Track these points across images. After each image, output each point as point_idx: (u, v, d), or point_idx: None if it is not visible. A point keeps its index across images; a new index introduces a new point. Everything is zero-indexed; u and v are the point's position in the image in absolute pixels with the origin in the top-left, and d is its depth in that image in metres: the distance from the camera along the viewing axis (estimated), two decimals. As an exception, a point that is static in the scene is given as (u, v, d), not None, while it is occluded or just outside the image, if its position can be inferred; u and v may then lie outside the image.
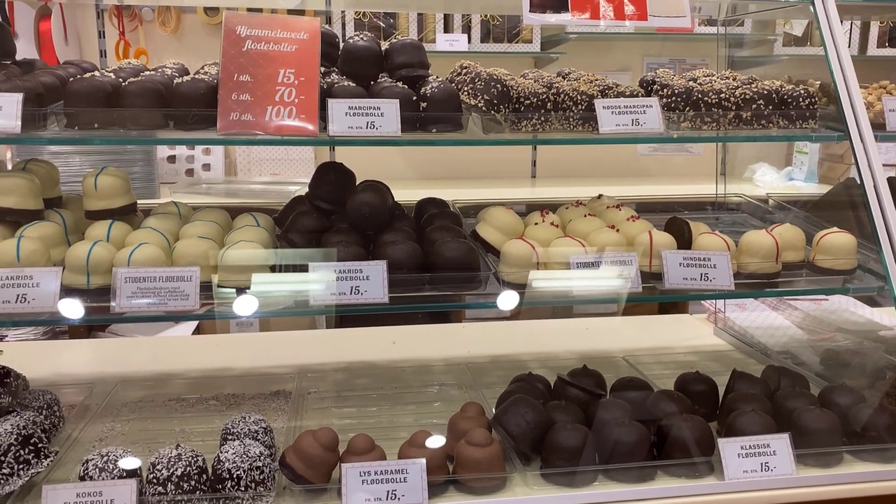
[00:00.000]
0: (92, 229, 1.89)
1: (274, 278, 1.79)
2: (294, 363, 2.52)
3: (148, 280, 1.71)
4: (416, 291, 1.87)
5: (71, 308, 1.70)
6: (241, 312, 1.77)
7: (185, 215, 2.09)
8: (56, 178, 2.09)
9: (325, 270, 1.78)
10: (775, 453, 1.82)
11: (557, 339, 2.82)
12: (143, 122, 1.87)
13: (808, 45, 5.38)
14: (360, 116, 1.87)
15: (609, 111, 2.01)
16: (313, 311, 1.78)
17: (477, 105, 2.06)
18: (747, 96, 2.15)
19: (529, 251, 1.90)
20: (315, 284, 1.77)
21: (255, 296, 1.76)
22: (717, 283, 1.93)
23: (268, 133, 1.85)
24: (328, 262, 1.80)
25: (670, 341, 2.81)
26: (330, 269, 1.78)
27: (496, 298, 1.88)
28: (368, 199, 2.02)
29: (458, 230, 2.06)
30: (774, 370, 2.21)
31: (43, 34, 4.63)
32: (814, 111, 2.17)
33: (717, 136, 2.22)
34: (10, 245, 1.74)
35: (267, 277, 1.79)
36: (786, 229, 2.09)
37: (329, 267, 1.79)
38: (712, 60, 5.57)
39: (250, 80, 1.88)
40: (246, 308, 1.76)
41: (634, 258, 1.91)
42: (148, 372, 2.45)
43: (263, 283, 1.78)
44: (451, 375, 2.44)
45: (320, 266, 1.79)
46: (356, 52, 2.11)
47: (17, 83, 1.84)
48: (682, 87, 2.21)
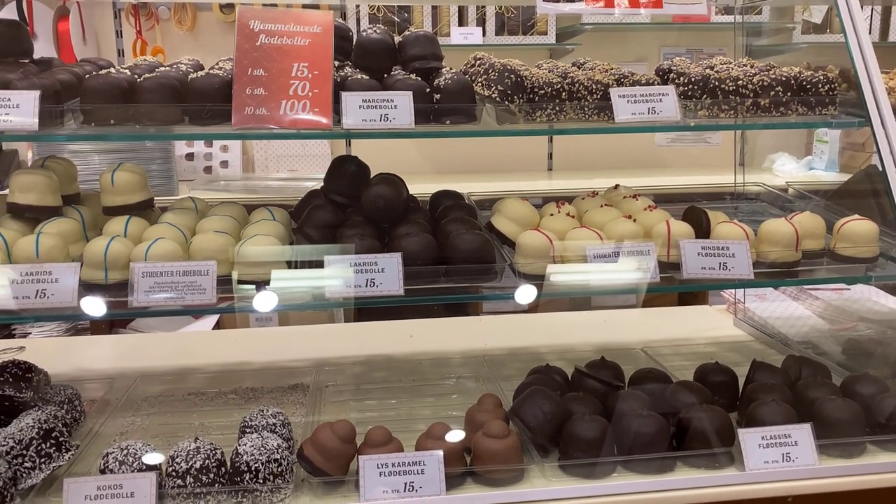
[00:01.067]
0: (109, 225, 1.91)
1: (290, 272, 1.80)
2: (312, 357, 2.53)
3: (165, 274, 1.72)
4: (432, 283, 1.87)
5: (89, 303, 1.71)
6: (258, 307, 1.77)
7: (202, 210, 2.10)
8: (74, 175, 2.10)
9: (341, 263, 1.78)
10: (797, 444, 1.80)
11: (575, 332, 2.81)
12: (159, 117, 1.87)
13: (827, 33, 5.31)
14: (374, 109, 1.86)
15: (625, 100, 1.99)
16: (329, 304, 1.79)
17: (491, 96, 2.05)
18: (765, 83, 2.12)
19: (545, 242, 1.89)
20: (331, 277, 1.77)
21: (271, 290, 1.76)
22: (735, 272, 1.91)
23: (282, 127, 1.85)
24: (344, 255, 1.80)
25: (689, 332, 2.79)
26: (345, 262, 1.78)
27: (512, 290, 1.87)
28: (383, 191, 2.02)
29: (473, 222, 2.05)
30: (795, 360, 2.18)
31: (61, 34, 4.67)
32: (833, 97, 2.14)
33: (734, 124, 2.19)
34: (29, 241, 1.76)
35: (283, 272, 1.79)
36: (806, 217, 2.06)
37: (344, 260, 1.79)
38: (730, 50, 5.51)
39: (264, 75, 1.88)
40: (262, 302, 1.77)
41: (652, 248, 1.89)
42: (167, 367, 2.47)
43: (279, 277, 1.79)
44: (468, 368, 2.44)
45: (336, 259, 1.79)
46: (369, 46, 2.10)
47: (34, 80, 1.85)
48: (699, 74, 2.18)
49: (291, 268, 1.82)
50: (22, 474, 1.64)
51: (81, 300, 1.70)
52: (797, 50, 5.29)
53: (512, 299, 1.87)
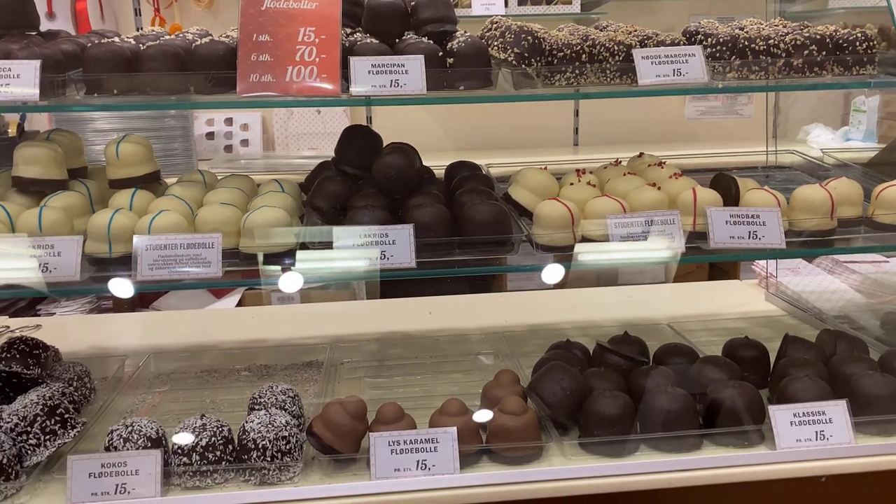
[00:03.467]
0: (115, 198, 1.86)
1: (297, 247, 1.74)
2: (328, 334, 2.48)
3: (169, 247, 1.67)
4: (445, 256, 1.80)
5: (93, 277, 1.67)
6: (265, 281, 1.72)
7: (210, 183, 2.05)
8: (80, 148, 2.06)
9: (351, 235, 1.72)
10: (831, 421, 1.70)
11: (599, 308, 2.72)
12: (163, 86, 1.82)
13: (866, -4, 5.09)
14: (384, 74, 1.79)
15: (649, 61, 1.89)
16: (339, 278, 1.73)
17: (507, 59, 1.96)
18: (798, 42, 2.00)
19: (564, 212, 1.80)
20: (340, 251, 1.70)
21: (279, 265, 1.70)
22: (766, 241, 1.81)
23: (289, 94, 1.79)
24: (353, 227, 1.73)
25: (718, 308, 2.69)
26: (355, 234, 1.71)
27: (529, 263, 1.79)
28: (395, 160, 1.95)
29: (489, 192, 1.98)
30: (830, 334, 2.08)
31: (80, 13, 4.65)
32: (872, 56, 2.01)
33: (765, 86, 2.08)
34: (32, 215, 1.72)
35: (291, 245, 1.73)
36: (841, 183, 1.95)
37: (354, 232, 1.72)
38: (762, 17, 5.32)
39: (270, 41, 1.82)
40: (269, 276, 1.71)
41: (677, 216, 1.80)
42: (182, 344, 2.43)
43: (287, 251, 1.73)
44: (487, 344, 2.37)
45: (345, 231, 1.72)
46: (380, 9, 2.02)
47: (34, 50, 1.80)
48: (728, 35, 2.07)
49: (300, 241, 1.76)
50: (27, 451, 1.61)
51: (85, 274, 1.65)
52: (833, 15, 5.08)
53: (529, 272, 1.79)
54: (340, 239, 1.72)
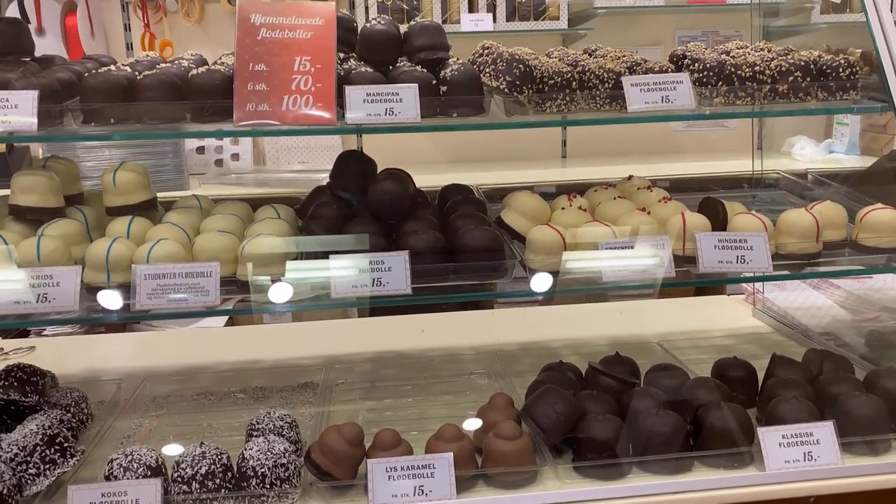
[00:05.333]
0: (112, 226, 1.88)
1: (295, 273, 1.76)
2: (322, 354, 2.50)
3: (167, 276, 1.68)
4: (440, 281, 1.82)
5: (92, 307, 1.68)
6: (261, 309, 1.74)
7: (207, 208, 2.07)
8: (77, 175, 2.07)
9: (346, 262, 1.74)
10: (819, 442, 1.74)
11: (589, 324, 2.75)
12: (159, 115, 1.84)
13: (847, 12, 5.17)
14: (379, 103, 1.81)
15: (637, 88, 1.93)
16: (335, 305, 1.75)
17: (499, 87, 1.99)
18: (783, 68, 2.05)
19: (556, 237, 1.84)
20: (336, 278, 1.73)
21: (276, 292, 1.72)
22: (754, 265, 1.85)
23: (285, 123, 1.81)
24: (349, 254, 1.75)
25: (707, 324, 2.73)
26: (351, 261, 1.74)
27: (522, 287, 1.82)
28: (389, 187, 1.98)
29: (483, 217, 2.00)
30: (817, 353, 2.12)
31: (69, 29, 4.65)
32: (854, 81, 2.06)
33: (751, 112, 2.12)
34: (30, 244, 1.73)
35: (288, 272, 1.75)
36: (826, 207, 1.99)
37: (350, 259, 1.74)
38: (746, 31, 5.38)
39: (266, 70, 1.84)
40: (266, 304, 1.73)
41: (667, 242, 1.84)
42: (177, 366, 2.44)
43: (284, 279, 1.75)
44: (480, 364, 2.39)
45: (341, 258, 1.74)
46: (374, 37, 2.05)
47: (32, 80, 1.82)
48: (714, 60, 2.11)
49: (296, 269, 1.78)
50: (26, 481, 1.62)
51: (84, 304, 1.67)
52: (816, 30, 5.16)
53: (522, 297, 1.82)
54: (336, 266, 1.75)
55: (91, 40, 4.74)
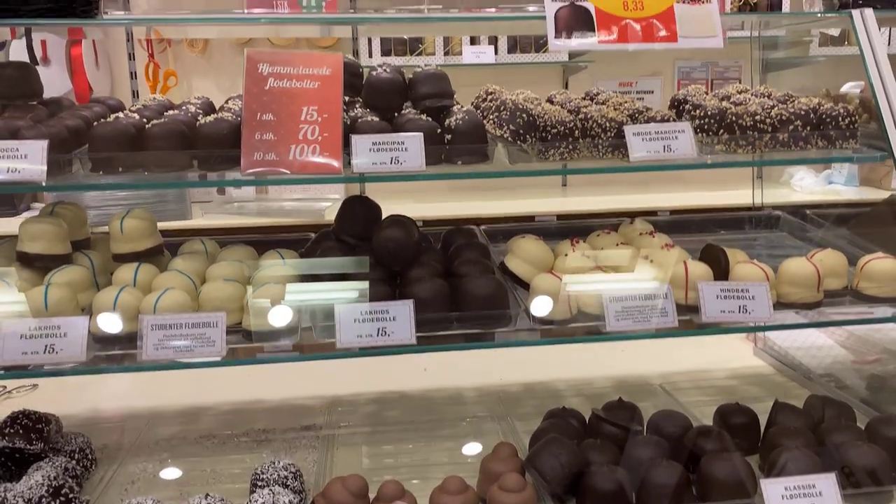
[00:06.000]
0: (119, 273, 1.89)
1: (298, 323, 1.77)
2: (325, 394, 2.51)
3: (174, 327, 1.70)
4: (444, 330, 1.84)
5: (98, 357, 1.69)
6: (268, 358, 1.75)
7: (212, 252, 2.08)
8: (84, 220, 2.09)
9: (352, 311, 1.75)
10: (821, 494, 1.74)
11: (592, 363, 2.76)
12: (167, 163, 1.86)
13: (845, 45, 5.23)
14: (385, 152, 1.84)
15: (639, 138, 1.95)
16: (340, 355, 1.76)
17: (503, 135, 2.02)
18: (784, 117, 2.07)
19: (560, 287, 1.85)
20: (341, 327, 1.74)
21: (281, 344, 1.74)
22: (755, 315, 1.86)
23: (292, 172, 1.83)
24: (355, 304, 1.77)
25: (709, 363, 2.74)
26: (356, 311, 1.75)
27: (526, 336, 1.84)
28: (393, 234, 1.99)
29: (486, 263, 2.02)
30: (818, 400, 2.13)
31: (74, 59, 4.69)
32: (854, 130, 2.09)
33: (753, 161, 2.15)
34: (38, 293, 1.74)
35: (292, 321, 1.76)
36: (827, 255, 2.01)
37: (356, 308, 1.76)
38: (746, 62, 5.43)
39: (273, 119, 1.86)
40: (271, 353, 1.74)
41: (670, 291, 1.85)
42: (179, 405, 2.45)
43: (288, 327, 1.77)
44: (483, 406, 2.40)
45: (347, 308, 1.76)
46: (380, 85, 2.08)
47: (42, 129, 1.84)
48: (716, 108, 2.14)
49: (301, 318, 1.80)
50: (32, 533, 1.62)
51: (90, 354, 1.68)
52: (815, 63, 5.22)
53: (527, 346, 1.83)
54: (342, 315, 1.76)
55: (95, 70, 4.78)
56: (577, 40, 1.99)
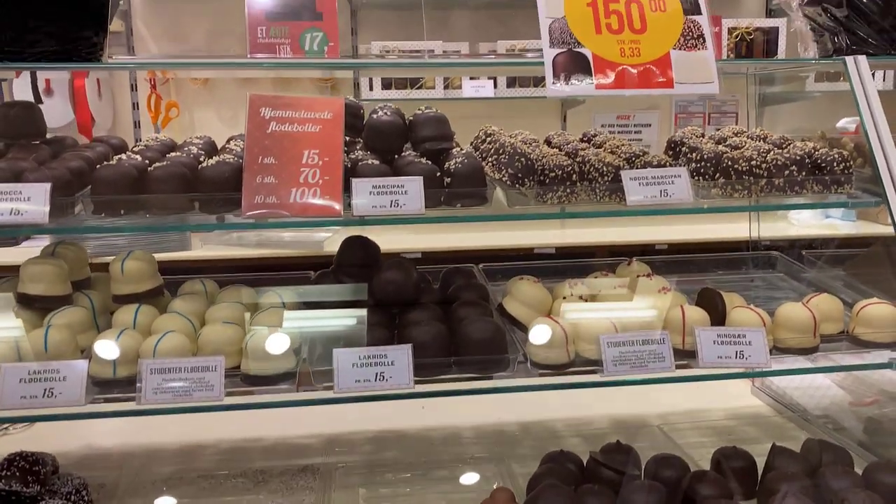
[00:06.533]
0: (119, 315, 1.90)
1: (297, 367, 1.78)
2: (322, 432, 2.50)
3: (173, 371, 1.70)
4: (443, 374, 1.84)
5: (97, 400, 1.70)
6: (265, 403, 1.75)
7: (212, 293, 2.09)
8: (85, 260, 2.11)
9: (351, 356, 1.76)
10: (819, 543, 1.75)
11: (590, 402, 2.75)
12: (169, 206, 1.87)
13: (840, 81, 5.28)
14: (384, 195, 1.85)
15: (636, 182, 1.97)
16: (337, 401, 1.76)
17: (502, 179, 2.04)
18: (779, 162, 2.10)
19: (558, 331, 1.86)
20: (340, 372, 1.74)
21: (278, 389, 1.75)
22: (752, 360, 1.87)
23: (293, 215, 1.84)
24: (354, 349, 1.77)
25: (706, 403, 2.74)
26: (355, 356, 1.76)
27: (525, 381, 1.85)
28: (393, 276, 2.01)
29: (485, 306, 2.03)
30: (815, 444, 2.13)
31: (77, 90, 4.73)
32: (849, 175, 2.12)
33: (749, 206, 2.17)
34: (38, 336, 1.75)
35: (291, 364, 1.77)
36: (823, 300, 2.03)
37: (354, 353, 1.76)
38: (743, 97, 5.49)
39: (275, 163, 1.88)
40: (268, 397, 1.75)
41: (667, 337, 1.86)
42: (177, 443, 2.44)
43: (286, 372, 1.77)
44: (481, 446, 2.40)
45: (345, 353, 1.76)
46: (381, 127, 2.11)
47: (45, 172, 1.86)
48: (712, 152, 2.17)
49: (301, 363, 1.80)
50: (26, 579, 1.61)
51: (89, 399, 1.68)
52: (811, 98, 5.27)
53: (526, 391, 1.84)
54: (340, 360, 1.76)
55: (98, 101, 4.83)
56: (574, 86, 2.02)
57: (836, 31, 2.30)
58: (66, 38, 1.90)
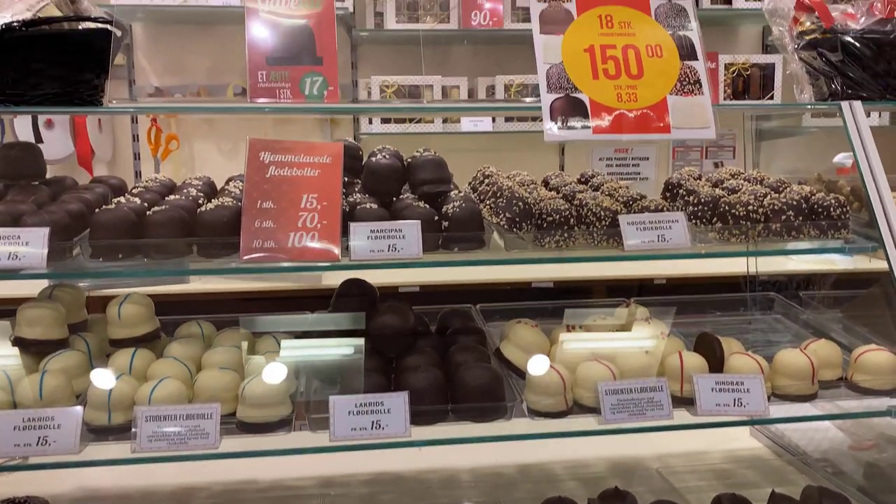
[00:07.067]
0: (115, 359, 1.90)
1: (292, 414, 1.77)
2: (317, 474, 2.47)
3: (168, 419, 1.69)
4: (440, 422, 1.83)
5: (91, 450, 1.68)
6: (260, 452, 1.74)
7: (209, 336, 2.09)
8: (82, 303, 2.10)
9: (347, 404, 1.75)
10: None
11: (588, 443, 2.73)
12: (167, 251, 1.88)
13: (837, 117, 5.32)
14: (382, 240, 1.86)
15: (634, 227, 1.98)
16: (333, 449, 1.74)
17: (499, 223, 2.05)
18: (776, 207, 2.11)
19: (556, 379, 1.85)
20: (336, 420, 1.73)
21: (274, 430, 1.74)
22: (750, 408, 1.87)
23: (291, 259, 1.85)
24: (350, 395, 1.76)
25: (705, 445, 2.71)
26: (351, 403, 1.75)
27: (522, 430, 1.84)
28: (390, 321, 2.01)
29: (482, 351, 2.03)
30: (815, 490, 2.11)
31: (78, 123, 4.76)
32: (846, 220, 2.12)
33: (745, 251, 2.17)
34: (33, 382, 1.74)
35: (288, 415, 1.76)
36: (821, 346, 2.03)
37: (350, 400, 1.75)
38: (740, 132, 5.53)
39: (273, 207, 1.88)
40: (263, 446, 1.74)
41: (665, 384, 1.85)
42: (171, 485, 2.41)
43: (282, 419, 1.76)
44: (478, 490, 2.37)
45: (341, 400, 1.75)
46: (379, 170, 2.12)
47: (44, 216, 1.86)
48: (709, 196, 2.18)
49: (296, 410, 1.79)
50: None
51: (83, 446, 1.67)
52: (808, 133, 5.31)
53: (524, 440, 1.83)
54: (336, 407, 1.75)
55: (98, 133, 4.85)
56: (572, 131, 2.03)
57: (831, 75, 2.32)
58: (67, 80, 1.91)
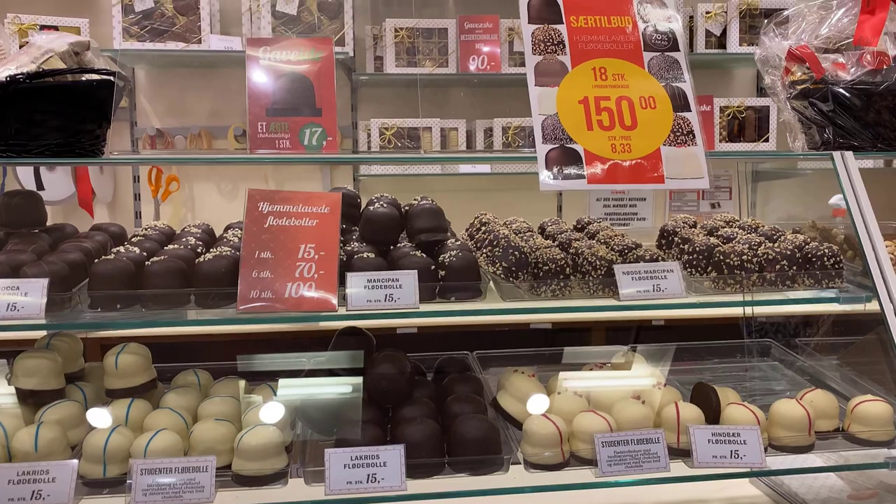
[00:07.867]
0: (111, 410, 1.89)
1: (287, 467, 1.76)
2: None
3: (164, 472, 1.68)
4: (436, 475, 1.83)
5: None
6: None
7: (205, 385, 2.09)
8: (79, 352, 2.11)
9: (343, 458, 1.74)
10: None
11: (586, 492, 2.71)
12: (166, 301, 1.89)
13: (831, 158, 5.37)
14: (379, 289, 1.87)
15: (629, 276, 1.99)
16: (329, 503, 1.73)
17: (496, 272, 2.06)
18: (770, 256, 2.12)
19: (553, 431, 1.85)
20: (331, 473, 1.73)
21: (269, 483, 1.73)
22: (747, 460, 1.86)
23: (288, 309, 1.86)
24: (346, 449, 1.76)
25: (702, 492, 2.69)
26: (346, 457, 1.74)
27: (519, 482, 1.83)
28: (386, 371, 2.01)
29: (479, 401, 2.03)
30: (814, 542, 2.10)
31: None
32: (839, 270, 2.14)
33: (740, 301, 2.18)
34: (28, 434, 1.74)
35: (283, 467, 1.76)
36: (817, 396, 2.03)
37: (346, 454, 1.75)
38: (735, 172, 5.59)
39: (271, 258, 1.90)
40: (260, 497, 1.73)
41: (662, 436, 1.85)
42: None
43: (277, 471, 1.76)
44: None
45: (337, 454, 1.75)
46: (377, 219, 2.14)
47: (43, 267, 1.87)
48: (704, 244, 2.20)
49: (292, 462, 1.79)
50: None
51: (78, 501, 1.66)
52: (803, 175, 5.35)
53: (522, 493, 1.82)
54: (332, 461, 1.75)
55: (99, 174, 4.89)
56: (567, 181, 2.05)
57: (823, 125, 2.35)
58: (69, 131, 1.95)
